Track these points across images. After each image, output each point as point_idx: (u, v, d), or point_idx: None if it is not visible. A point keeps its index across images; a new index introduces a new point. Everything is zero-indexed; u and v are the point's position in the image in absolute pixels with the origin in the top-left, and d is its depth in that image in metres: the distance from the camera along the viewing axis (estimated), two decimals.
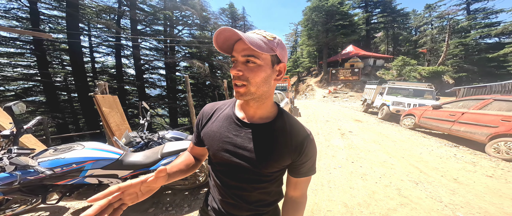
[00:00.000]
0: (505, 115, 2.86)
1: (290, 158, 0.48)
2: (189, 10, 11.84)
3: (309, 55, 25.04)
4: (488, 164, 2.71)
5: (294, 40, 37.13)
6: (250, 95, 0.45)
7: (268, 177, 0.50)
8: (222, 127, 0.53)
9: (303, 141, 0.48)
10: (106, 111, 2.99)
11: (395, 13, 21.40)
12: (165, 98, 12.74)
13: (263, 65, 0.43)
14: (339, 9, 18.40)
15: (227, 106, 0.58)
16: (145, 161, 1.62)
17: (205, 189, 2.14)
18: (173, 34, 12.62)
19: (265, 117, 0.52)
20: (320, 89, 19.02)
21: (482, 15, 16.20)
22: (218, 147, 0.52)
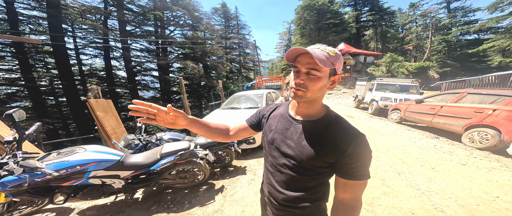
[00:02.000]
0: (477, 107, 3.14)
1: (333, 155, 0.50)
2: (180, 11, 11.64)
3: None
4: (463, 153, 2.97)
5: (287, 39, 37.24)
6: (305, 99, 0.53)
7: (309, 170, 0.54)
8: (278, 122, 0.65)
9: (349, 141, 0.49)
10: (100, 115, 2.99)
11: (382, 12, 22.09)
12: (159, 100, 12.55)
13: (322, 77, 0.50)
14: (329, 7, 18.76)
15: (283, 106, 0.71)
16: (145, 162, 1.70)
17: (204, 186, 2.24)
18: (164, 35, 12.39)
19: (312, 115, 0.59)
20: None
21: (461, 13, 17.17)
22: (272, 137, 0.64)
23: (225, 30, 24.90)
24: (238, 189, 2.15)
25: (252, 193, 2.04)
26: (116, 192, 1.68)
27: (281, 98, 5.36)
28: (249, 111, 3.58)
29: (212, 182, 2.36)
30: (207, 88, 13.83)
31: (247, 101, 4.23)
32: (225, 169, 2.69)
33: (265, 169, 0.69)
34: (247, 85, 12.53)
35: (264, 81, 10.82)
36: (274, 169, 0.62)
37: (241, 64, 24.53)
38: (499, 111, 2.84)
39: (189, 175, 2.09)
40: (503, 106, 2.83)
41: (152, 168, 1.72)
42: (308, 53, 0.48)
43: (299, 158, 0.54)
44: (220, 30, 22.77)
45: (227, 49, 22.62)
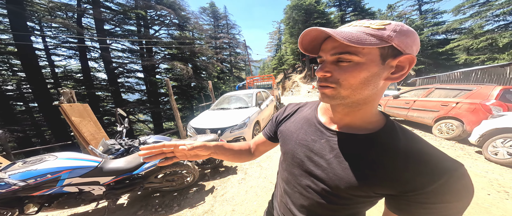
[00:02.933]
0: (444, 100, 3.50)
1: (394, 188, 0.33)
2: (165, 10, 11.20)
3: (292, 52, 25.81)
4: (433, 143, 3.29)
5: (278, 38, 37.61)
6: (340, 99, 0.36)
7: (344, 199, 0.38)
8: (300, 129, 0.49)
9: (440, 173, 0.31)
10: (76, 120, 2.82)
11: (364, 12, 23.29)
12: (146, 103, 11.99)
13: (364, 62, 0.32)
14: (316, 7, 19.32)
15: (309, 108, 0.53)
16: (127, 166, 1.65)
17: (194, 188, 2.23)
18: (149, 35, 11.83)
19: (358, 126, 0.40)
20: (304, 85, 19.90)
21: (431, 15, 18.77)
22: (292, 148, 0.48)
23: (215, 30, 24.46)
24: (228, 188, 2.18)
25: (242, 192, 2.08)
26: (97, 198, 1.62)
27: (271, 97, 5.45)
28: (239, 111, 3.60)
29: (202, 183, 2.35)
30: (197, 89, 13.54)
31: (237, 101, 4.24)
32: (215, 170, 2.69)
33: (279, 185, 0.55)
34: (238, 85, 12.49)
35: (255, 81, 10.87)
36: (293, 189, 0.47)
37: (232, 64, 24.32)
38: (461, 103, 3.19)
39: (177, 177, 2.07)
40: (464, 99, 3.18)
41: (136, 172, 1.69)
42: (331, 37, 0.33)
43: (334, 183, 0.38)
44: (209, 30, 22.33)
45: (217, 49, 22.29)
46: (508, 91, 2.87)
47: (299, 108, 0.56)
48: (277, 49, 36.89)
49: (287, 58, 27.46)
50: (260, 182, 2.22)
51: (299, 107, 0.56)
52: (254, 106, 3.78)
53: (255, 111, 3.50)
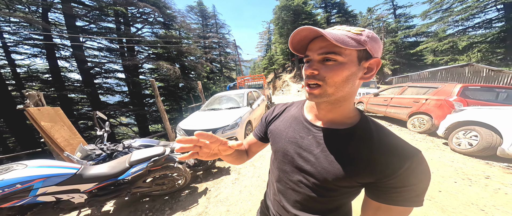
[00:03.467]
0: (415, 97, 3.89)
1: (371, 176, 0.38)
2: (148, 7, 10.54)
3: (282, 52, 26.23)
4: (408, 137, 3.62)
5: (268, 38, 37.83)
6: (326, 97, 0.39)
7: (332, 191, 0.42)
8: (289, 127, 0.51)
9: (403, 160, 0.36)
10: (47, 126, 2.56)
11: (347, 14, 24.60)
12: (129, 105, 11.19)
13: (346, 62, 0.36)
14: (303, 8, 19.83)
15: (296, 107, 0.56)
16: (111, 172, 1.57)
17: (187, 191, 2.18)
18: (130, 33, 11.03)
19: (340, 121, 0.44)
20: (294, 84, 20.39)
21: (404, 19, 20.63)
22: (282, 146, 0.50)
23: (203, 29, 23.84)
24: (222, 189, 2.17)
25: (236, 192, 2.09)
26: (78, 207, 1.53)
27: (262, 97, 5.51)
28: (231, 111, 3.58)
29: (194, 185, 2.31)
30: (186, 90, 13.04)
31: (228, 101, 4.21)
32: (208, 171, 2.66)
33: (272, 184, 0.57)
34: (229, 85, 12.34)
35: (245, 81, 10.85)
36: (285, 186, 0.49)
37: (222, 64, 23.91)
38: (429, 100, 3.58)
39: (168, 180, 2.01)
40: (432, 96, 3.58)
41: (121, 177, 1.60)
42: (321, 36, 0.37)
43: (322, 176, 0.41)
44: (198, 29, 21.70)
45: (206, 48, 21.76)
46: (467, 88, 3.29)
47: (287, 108, 0.58)
48: (267, 49, 37.14)
49: (277, 58, 27.87)
50: (254, 181, 2.25)
51: (286, 107, 0.59)
52: (245, 106, 3.79)
53: (247, 111, 3.52)
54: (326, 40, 0.36)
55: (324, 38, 0.37)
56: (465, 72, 7.99)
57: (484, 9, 12.46)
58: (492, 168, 2.24)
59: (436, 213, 1.54)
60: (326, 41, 0.36)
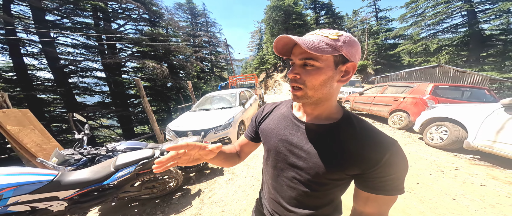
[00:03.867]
0: (395, 96, 4.22)
1: (358, 168, 0.41)
2: (132, 3, 9.89)
3: (273, 52, 25.97)
4: (389, 133, 3.91)
5: (259, 38, 37.56)
6: (307, 98, 0.43)
7: (324, 185, 0.45)
8: (280, 125, 0.53)
9: (382, 151, 0.39)
10: (14, 130, 2.33)
11: (335, 16, 25.55)
12: (110, 105, 10.44)
13: (323, 67, 0.40)
14: (294, 9, 20.10)
15: (285, 105, 0.59)
16: (93, 177, 1.49)
17: (179, 193, 2.14)
18: (111, 30, 10.27)
19: (324, 117, 0.47)
20: (285, 83, 20.68)
21: (384, 22, 22.05)
22: (274, 144, 0.52)
23: (193, 27, 23.10)
24: (216, 190, 2.17)
25: (231, 192, 2.10)
26: (58, 215, 1.43)
27: (254, 97, 5.53)
28: (223, 111, 3.56)
29: (187, 187, 2.27)
30: (175, 89, 12.50)
31: (220, 101, 4.17)
32: (201, 173, 2.63)
33: (266, 183, 0.58)
34: (220, 85, 12.12)
35: (237, 80, 10.76)
36: (280, 184, 0.51)
37: (213, 63, 23.37)
38: (407, 98, 3.91)
39: (158, 183, 1.95)
40: (409, 95, 3.91)
41: (106, 182, 1.53)
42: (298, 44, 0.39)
43: (314, 171, 0.44)
44: (187, 28, 20.96)
45: (197, 47, 21.14)
46: (437, 87, 3.65)
47: (276, 107, 0.60)
48: (259, 49, 37.03)
49: (269, 57, 27.97)
50: (248, 181, 2.28)
51: (275, 106, 0.61)
52: (238, 106, 3.78)
53: (239, 110, 3.52)
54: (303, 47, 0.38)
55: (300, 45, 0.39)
56: (436, 72, 8.82)
57: (451, 15, 13.81)
58: (460, 160, 2.52)
59: (416, 204, 1.67)
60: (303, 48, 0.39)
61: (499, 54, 12.16)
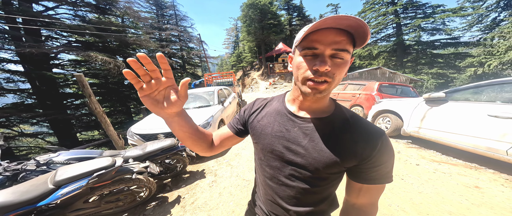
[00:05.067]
0: (353, 92, 4.99)
1: (354, 159, 0.41)
2: None
3: (250, 50, 26.10)
4: None
5: (235, 35, 36.49)
6: (328, 92, 0.40)
7: (324, 180, 0.44)
8: (274, 122, 0.50)
9: (375, 142, 0.40)
10: None
11: (305, 18, 27.49)
12: (34, 108, 7.95)
13: (348, 60, 0.37)
14: (270, 8, 20.37)
15: (277, 101, 0.55)
16: (20, 198, 1.16)
17: (153, 203, 1.91)
18: (30, 12, 7.68)
19: (320, 111, 0.46)
20: (262, 82, 20.96)
21: None
22: (269, 142, 0.48)
23: (158, 20, 20.38)
24: (198, 195, 2.03)
25: (216, 195, 2.01)
26: None
27: (233, 95, 5.37)
28: (200, 110, 3.30)
29: (163, 195, 2.05)
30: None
31: (196, 100, 3.85)
32: (178, 178, 2.40)
33: (262, 183, 0.54)
34: (194, 83, 11.18)
35: (214, 78, 10.21)
36: (277, 183, 0.48)
37: (185, 59, 21.16)
38: (361, 94, 4.69)
39: (124, 195, 1.70)
40: (363, 91, 4.70)
41: (43, 202, 1.23)
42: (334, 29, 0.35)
43: (314, 166, 0.42)
44: (150, 19, 18.22)
45: (164, 42, 18.86)
46: (382, 85, 4.52)
47: (268, 103, 0.57)
48: (235, 46, 36.09)
49: (245, 56, 27.56)
50: (233, 181, 2.23)
51: (267, 101, 0.57)
52: (217, 104, 3.60)
53: (219, 109, 3.36)
54: (341, 35, 0.35)
55: (337, 32, 0.35)
56: (377, 73, 10.93)
57: (386, 26, 17.31)
58: (399, 144, 3.17)
59: None
60: (342, 37, 0.35)
61: (414, 60, 16.20)
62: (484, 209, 1.48)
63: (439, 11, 15.07)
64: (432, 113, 2.64)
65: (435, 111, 2.61)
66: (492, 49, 12.08)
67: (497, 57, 11.23)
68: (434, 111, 2.62)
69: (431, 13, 15.35)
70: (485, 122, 2.00)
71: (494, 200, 1.57)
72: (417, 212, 1.49)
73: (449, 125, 2.37)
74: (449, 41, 15.37)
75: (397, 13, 16.63)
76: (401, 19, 16.59)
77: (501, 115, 1.88)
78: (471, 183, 1.86)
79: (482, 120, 2.03)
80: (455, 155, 2.52)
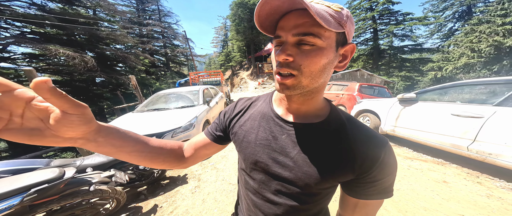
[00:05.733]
0: (336, 92, 5.20)
1: (352, 172, 0.35)
2: None
3: (239, 50, 25.72)
4: None
5: (224, 34, 35.72)
6: (300, 89, 0.33)
7: (315, 196, 0.38)
8: (258, 127, 0.42)
9: (377, 153, 0.34)
10: None
11: None
12: None
13: (325, 47, 0.30)
14: None
15: (263, 101, 0.47)
16: None
17: (123, 214, 1.70)
18: None
19: (312, 114, 0.39)
20: (251, 81, 20.80)
21: None
22: (253, 152, 0.41)
23: (139, 14, 18.88)
24: (179, 202, 1.86)
25: (198, 201, 1.86)
26: None
27: (221, 94, 5.15)
28: (183, 111, 3.05)
29: (137, 205, 1.84)
30: (110, 86, 9.56)
31: (178, 99, 3.57)
32: (156, 185, 2.18)
33: (244, 197, 0.47)
34: (179, 82, 10.56)
35: (200, 77, 9.71)
36: (262, 199, 0.41)
37: (169, 57, 19.85)
38: (344, 95, 4.91)
39: (82, 210, 1.48)
40: (345, 92, 4.93)
41: None
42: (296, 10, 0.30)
43: (304, 182, 0.36)
44: (129, 13, 16.84)
45: (145, 37, 17.56)
46: (362, 86, 4.81)
47: (252, 103, 0.49)
48: (224, 45, 35.30)
49: (234, 55, 27.05)
50: (219, 186, 2.10)
51: (251, 102, 0.50)
52: (201, 104, 3.38)
53: (204, 109, 3.15)
54: (303, 17, 0.29)
55: (300, 13, 0.29)
56: (357, 75, 11.70)
57: (365, 30, 18.59)
58: None
59: None
60: (304, 19, 0.29)
61: (387, 64, 17.80)
62: (453, 203, 1.62)
63: (408, 18, 16.74)
64: (405, 113, 2.86)
65: (408, 110, 2.83)
66: (448, 55, 13.85)
67: (452, 63, 12.93)
68: (407, 110, 2.84)
69: (402, 20, 16.97)
70: (449, 121, 2.21)
71: (460, 194, 1.74)
72: (397, 210, 1.57)
73: (419, 124, 2.58)
74: (415, 47, 17.24)
75: (374, 18, 17.96)
76: (377, 25, 17.98)
77: (462, 114, 2.10)
78: (440, 178, 2.05)
79: (447, 119, 2.24)
80: (424, 152, 2.76)
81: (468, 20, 15.21)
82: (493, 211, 1.50)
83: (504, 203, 1.58)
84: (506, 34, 10.49)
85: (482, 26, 11.52)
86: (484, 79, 2.23)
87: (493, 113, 1.87)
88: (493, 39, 10.54)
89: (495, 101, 1.94)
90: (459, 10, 18.25)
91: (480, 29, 11.46)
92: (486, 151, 1.86)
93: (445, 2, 18.82)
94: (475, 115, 1.99)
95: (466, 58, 12.02)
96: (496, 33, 10.79)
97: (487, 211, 1.51)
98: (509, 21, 10.73)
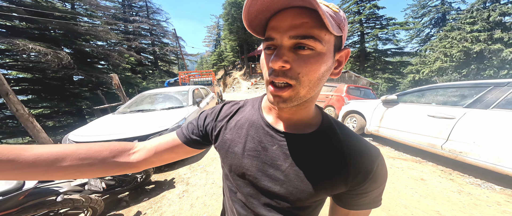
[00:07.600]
0: (326, 94, 5.35)
1: (344, 186, 0.34)
2: None
3: (232, 49, 25.39)
4: None
5: (217, 33, 35.18)
6: (297, 100, 0.30)
7: (306, 209, 0.37)
8: (247, 136, 0.39)
9: (370, 165, 0.33)
10: None
11: None
12: None
13: (325, 53, 0.27)
14: None
15: (251, 106, 0.43)
16: None
17: None
18: None
19: (305, 123, 0.37)
20: (244, 81, 20.58)
21: None
22: (240, 164, 0.38)
23: (124, 10, 17.78)
24: (165, 208, 1.78)
25: (187, 206, 1.80)
26: None
27: (212, 95, 5.00)
28: (170, 112, 2.91)
29: (117, 213, 1.73)
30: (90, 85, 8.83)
31: (165, 100, 3.40)
32: (140, 190, 2.06)
33: (230, 210, 0.45)
34: (168, 81, 10.11)
35: (191, 76, 9.39)
36: (250, 213, 0.39)
37: (157, 56, 18.92)
38: (333, 96, 5.07)
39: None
40: (334, 93, 5.09)
41: None
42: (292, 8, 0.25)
43: (296, 197, 0.34)
44: (113, 8, 15.75)
45: (131, 35, 16.59)
46: (350, 87, 5.00)
47: (240, 108, 0.45)
48: (216, 45, 34.76)
49: (227, 55, 26.62)
50: (208, 189, 2.05)
51: (238, 107, 0.45)
52: (191, 105, 3.24)
53: (193, 110, 3.03)
54: (301, 16, 0.25)
55: (297, 12, 0.25)
56: (345, 77, 12.17)
57: (353, 33, 19.38)
58: None
59: None
60: (302, 19, 0.25)
61: (372, 66, 18.77)
62: (429, 200, 1.74)
63: (391, 23, 17.78)
64: (388, 113, 3.02)
65: (390, 111, 2.99)
66: (425, 59, 14.98)
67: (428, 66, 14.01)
68: (389, 111, 3.01)
69: (386, 25, 17.98)
70: (426, 121, 2.38)
71: (436, 191, 1.88)
72: (380, 209, 1.64)
73: (400, 124, 2.75)
74: (396, 50, 18.40)
75: (361, 22, 18.79)
76: (364, 28, 18.84)
77: (437, 115, 2.27)
78: (418, 176, 2.19)
79: (424, 119, 2.41)
80: (405, 151, 2.95)
81: (442, 26, 16.58)
82: (464, 206, 1.64)
83: (473, 198, 1.74)
84: (474, 40, 11.59)
85: (453, 33, 12.61)
86: (455, 83, 2.43)
87: (463, 114, 2.05)
88: (463, 45, 11.60)
89: (465, 104, 2.12)
90: (435, 17, 19.81)
91: (452, 35, 12.53)
92: (457, 150, 2.03)
93: (424, 9, 20.30)
94: (448, 116, 2.16)
95: (440, 62, 13.07)
96: (465, 39, 11.87)
97: (458, 206, 1.64)
98: (476, 28, 11.87)
